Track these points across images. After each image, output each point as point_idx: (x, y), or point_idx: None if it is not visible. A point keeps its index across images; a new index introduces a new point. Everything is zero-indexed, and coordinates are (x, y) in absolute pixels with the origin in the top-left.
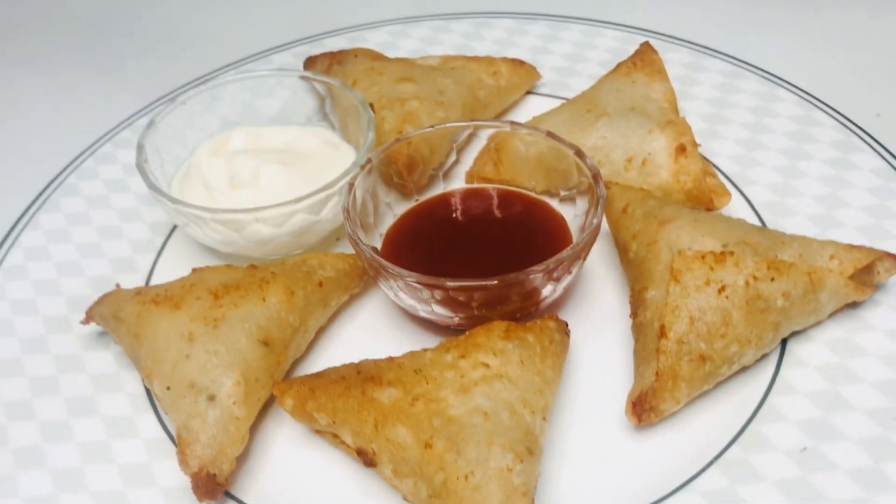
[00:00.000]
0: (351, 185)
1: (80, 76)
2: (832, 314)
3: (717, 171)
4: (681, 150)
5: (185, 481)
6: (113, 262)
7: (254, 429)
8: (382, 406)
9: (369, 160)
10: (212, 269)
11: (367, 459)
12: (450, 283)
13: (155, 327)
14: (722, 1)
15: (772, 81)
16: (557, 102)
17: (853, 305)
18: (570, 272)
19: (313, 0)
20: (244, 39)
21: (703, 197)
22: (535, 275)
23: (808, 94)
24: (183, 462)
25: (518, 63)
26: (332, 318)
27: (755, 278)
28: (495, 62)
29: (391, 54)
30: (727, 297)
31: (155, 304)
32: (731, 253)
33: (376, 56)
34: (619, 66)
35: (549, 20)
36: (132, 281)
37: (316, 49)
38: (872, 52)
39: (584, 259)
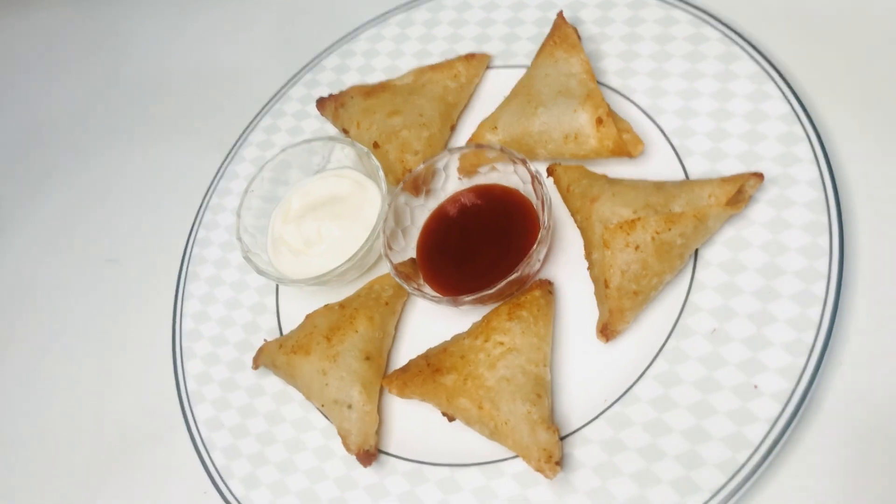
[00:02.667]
0: (382, 229)
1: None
2: (725, 222)
3: (632, 119)
4: (599, 121)
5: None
6: (251, 309)
7: (382, 409)
8: (447, 387)
9: (390, 202)
10: (319, 314)
11: (448, 417)
12: (465, 298)
13: (300, 370)
14: None
15: (668, 4)
16: (509, 72)
17: None
18: (542, 250)
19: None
20: (251, 69)
21: (622, 151)
22: (520, 269)
23: (701, 9)
24: (347, 448)
25: (470, 57)
26: (401, 313)
27: (657, 233)
28: (454, 65)
29: (372, 60)
30: (641, 251)
31: (294, 353)
32: (639, 219)
33: (366, 92)
34: (543, 45)
35: None
36: (267, 321)
37: (318, 73)
38: None
39: (549, 234)
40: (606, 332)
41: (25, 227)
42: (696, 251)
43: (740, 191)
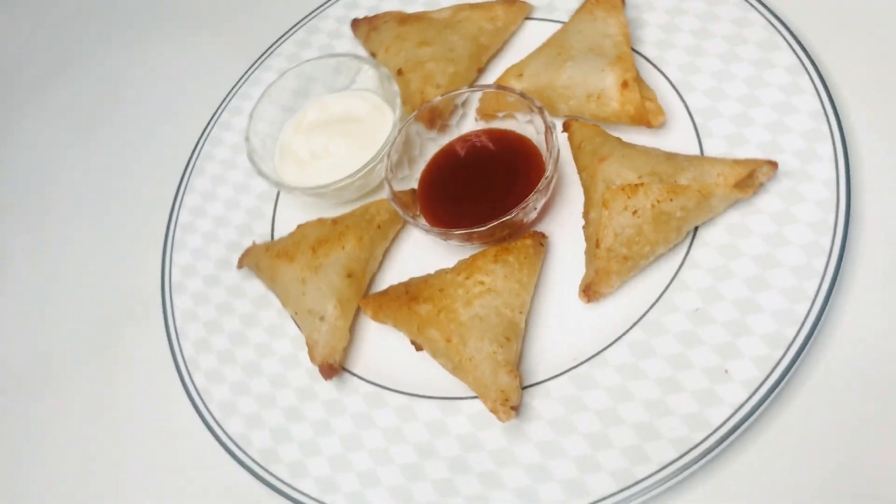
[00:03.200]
0: (388, 154)
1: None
2: (730, 206)
3: (660, 92)
4: (624, 84)
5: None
6: (248, 212)
7: (354, 329)
8: (421, 316)
9: (401, 128)
10: (310, 226)
11: (416, 346)
12: (455, 231)
13: (281, 275)
14: None
15: None
16: (547, 25)
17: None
18: (540, 199)
19: None
20: None
21: (642, 119)
22: (513, 213)
23: None
24: (312, 358)
25: (511, 2)
26: (393, 240)
27: (658, 201)
28: (493, 7)
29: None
30: (639, 217)
31: (278, 258)
32: (643, 184)
33: (401, 19)
34: (583, 5)
35: None
36: (262, 226)
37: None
38: None
39: (550, 185)
40: (589, 292)
41: (47, 110)
42: (696, 229)
43: (751, 176)
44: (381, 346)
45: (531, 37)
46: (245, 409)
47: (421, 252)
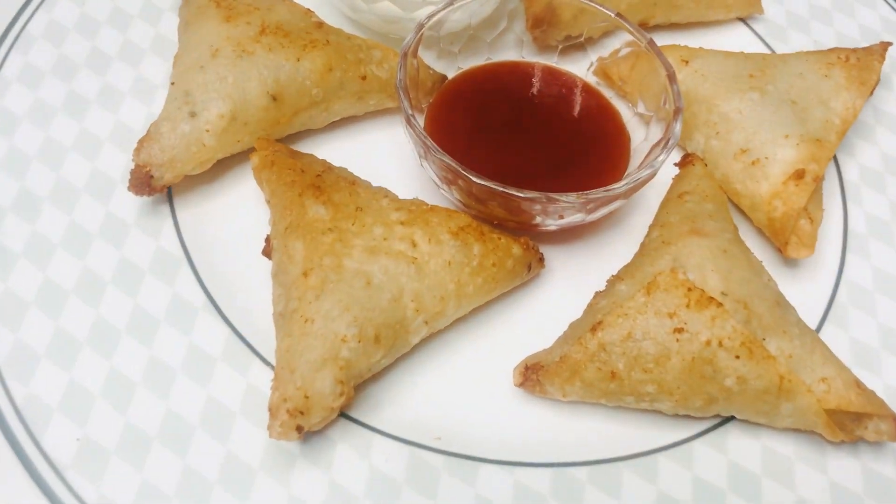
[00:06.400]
0: (454, 2)
1: None
2: (795, 430)
3: (828, 216)
4: (798, 175)
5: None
6: None
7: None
8: (304, 216)
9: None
10: (289, 5)
11: (266, 249)
12: (446, 159)
13: (200, 25)
14: None
15: None
16: (758, 44)
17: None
18: (578, 214)
19: None
20: None
21: (782, 234)
22: (532, 204)
23: None
24: (136, 151)
25: None
26: (370, 115)
27: (720, 344)
28: None
29: None
30: (678, 341)
31: (216, 5)
32: (719, 305)
33: None
34: (832, 50)
35: None
36: None
37: None
38: None
39: (596, 210)
40: (529, 376)
41: None
42: (729, 419)
43: (857, 419)
44: (228, 237)
45: (731, 44)
46: None
47: (385, 156)
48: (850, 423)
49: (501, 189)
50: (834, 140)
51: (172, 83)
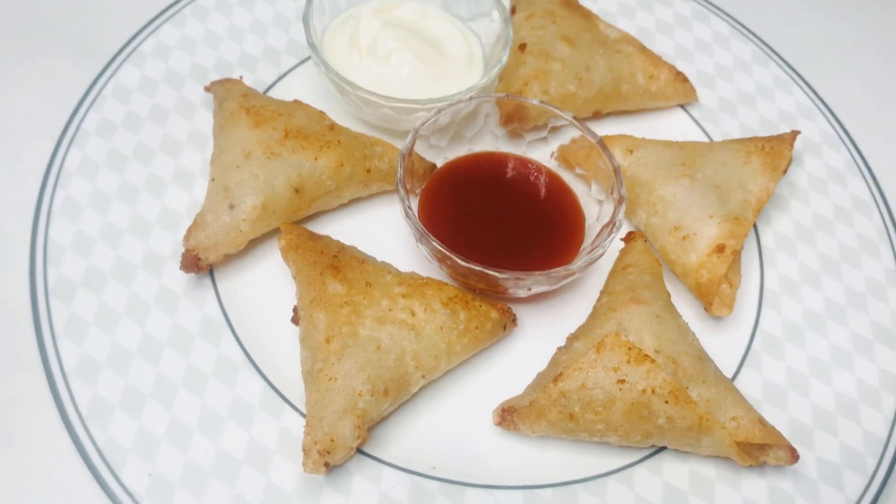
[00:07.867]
0: (441, 109)
1: None
2: (715, 457)
3: (747, 281)
4: (720, 249)
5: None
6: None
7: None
8: (325, 291)
9: (476, 97)
10: (305, 109)
11: (294, 317)
12: (434, 242)
13: (234, 130)
14: None
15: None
16: (695, 130)
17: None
18: (538, 284)
19: None
20: None
21: (707, 297)
22: (506, 278)
23: None
24: (185, 238)
25: (681, 78)
26: (374, 196)
27: (653, 392)
28: (660, 67)
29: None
30: (621, 390)
31: (246, 112)
32: (653, 361)
33: (567, 2)
34: (751, 139)
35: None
36: (267, 74)
37: None
38: None
39: (559, 282)
40: (506, 417)
41: None
42: (662, 449)
43: (762, 448)
44: (259, 301)
45: (671, 126)
46: None
47: (386, 230)
48: (756, 451)
49: (480, 269)
50: (751, 217)
51: (213, 179)
